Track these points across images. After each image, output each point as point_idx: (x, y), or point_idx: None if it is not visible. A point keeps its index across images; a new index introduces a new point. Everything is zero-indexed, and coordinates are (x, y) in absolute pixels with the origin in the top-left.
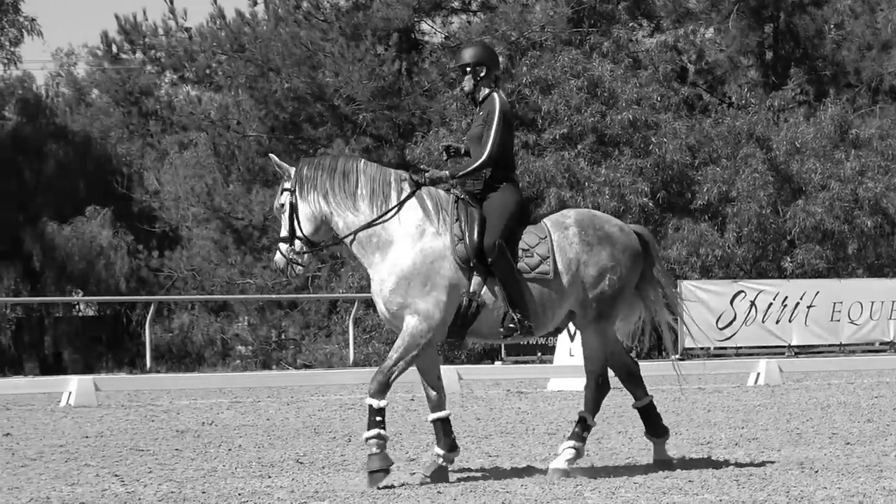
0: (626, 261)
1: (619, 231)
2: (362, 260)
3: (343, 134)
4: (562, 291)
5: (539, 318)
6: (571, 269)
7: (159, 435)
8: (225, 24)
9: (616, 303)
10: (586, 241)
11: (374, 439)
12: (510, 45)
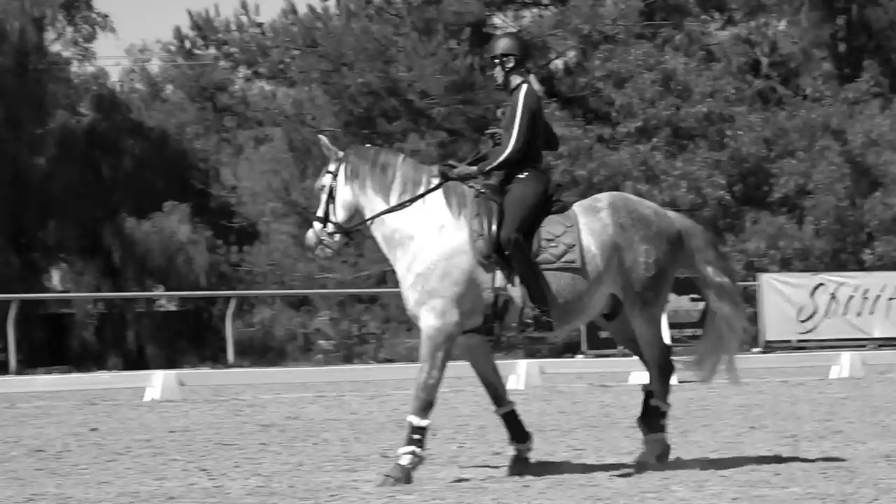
0: (662, 244)
1: (654, 214)
2: (388, 255)
3: (417, 128)
4: (595, 277)
5: (564, 309)
6: (606, 253)
7: (245, 429)
8: (297, 19)
9: (657, 287)
10: (620, 224)
11: (409, 455)
12: (582, 39)
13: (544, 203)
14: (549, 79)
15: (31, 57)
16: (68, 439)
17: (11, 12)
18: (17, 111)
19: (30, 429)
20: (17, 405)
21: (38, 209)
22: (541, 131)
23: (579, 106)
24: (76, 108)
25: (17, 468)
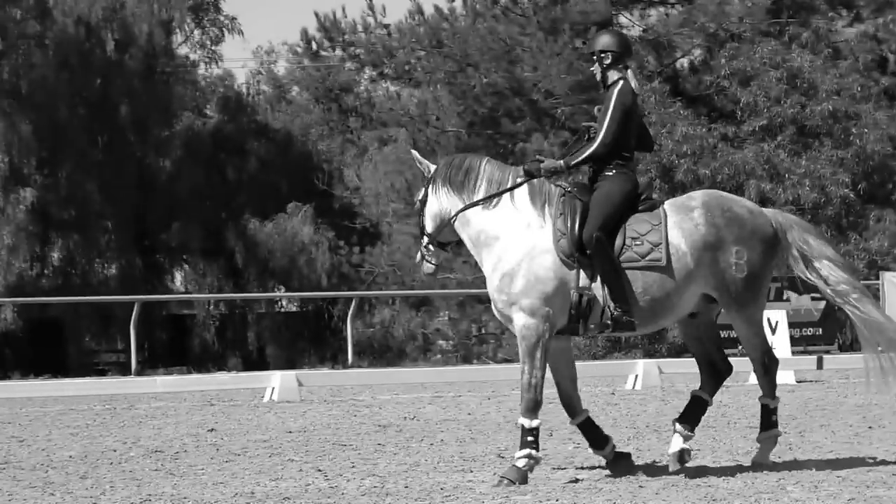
0: (756, 244)
1: (748, 213)
2: (476, 257)
3: (541, 128)
4: (684, 276)
5: (651, 308)
6: (696, 252)
7: (362, 430)
8: (423, 20)
9: (752, 288)
10: (713, 224)
11: (525, 459)
12: (709, 37)
13: (631, 201)
14: (674, 77)
15: (159, 60)
16: (186, 440)
17: (140, 16)
18: (145, 114)
19: (148, 429)
20: (136, 406)
21: (163, 211)
22: (633, 130)
23: (704, 104)
24: (202, 110)
25: (134, 468)
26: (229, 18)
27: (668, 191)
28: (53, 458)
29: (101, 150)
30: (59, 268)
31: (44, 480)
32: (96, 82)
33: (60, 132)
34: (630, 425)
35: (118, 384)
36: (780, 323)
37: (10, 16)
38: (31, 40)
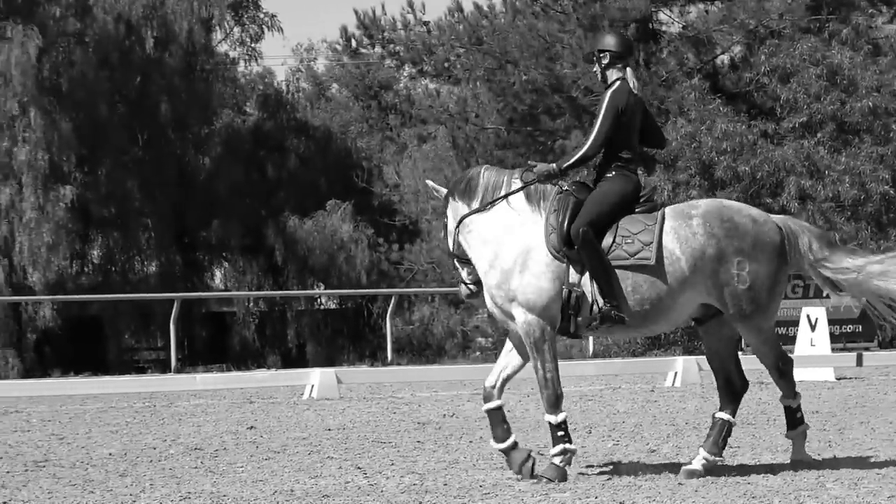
0: (759, 254)
1: (751, 222)
2: (475, 262)
3: (581, 125)
4: (677, 280)
5: (642, 308)
6: (692, 259)
7: (401, 427)
8: (463, 18)
9: (758, 299)
10: (712, 234)
11: (560, 456)
12: (748, 34)
13: (628, 202)
14: (713, 74)
15: (199, 57)
16: (225, 437)
17: (180, 13)
18: (184, 111)
19: (188, 427)
20: (176, 403)
21: (203, 208)
22: (634, 129)
23: (744, 101)
24: (242, 107)
25: (174, 466)
26: (269, 16)
27: (708, 188)
28: (93, 456)
29: (140, 148)
30: (99, 265)
31: (84, 478)
32: (136, 80)
33: (100, 130)
34: (669, 422)
35: (158, 382)
36: (820, 320)
37: (50, 13)
38: (72, 38)
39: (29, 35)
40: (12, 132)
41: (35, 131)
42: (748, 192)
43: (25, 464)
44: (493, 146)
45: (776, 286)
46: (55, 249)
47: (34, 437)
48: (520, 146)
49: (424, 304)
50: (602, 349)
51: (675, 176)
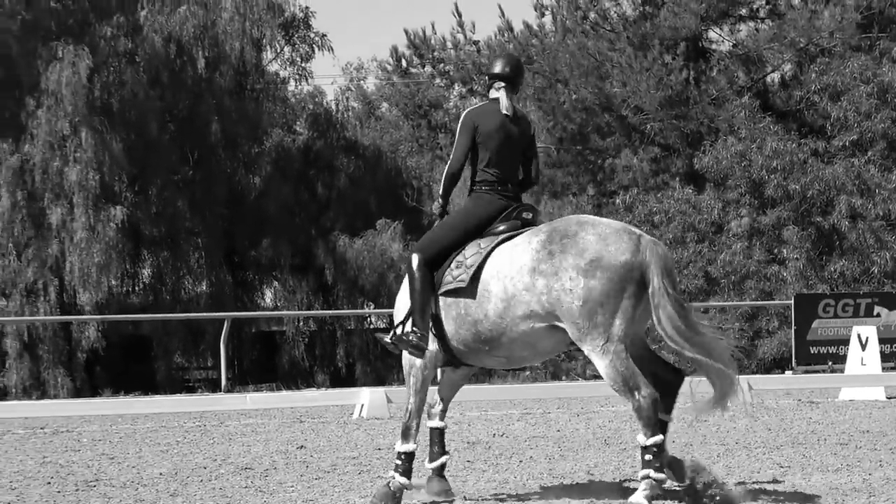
0: (596, 272)
1: (598, 240)
2: None
3: (631, 144)
4: (501, 300)
5: (469, 335)
6: (519, 276)
7: (450, 446)
8: (513, 37)
9: (593, 318)
10: (548, 249)
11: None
12: (799, 52)
13: (481, 225)
14: (764, 92)
15: (250, 77)
16: (276, 457)
17: (231, 33)
18: (235, 131)
19: (238, 446)
20: (226, 423)
21: (253, 227)
22: (498, 150)
23: (794, 120)
24: (292, 127)
25: (224, 485)
26: (319, 35)
27: (758, 206)
28: (144, 476)
29: (191, 168)
30: (149, 285)
31: (134, 498)
32: (187, 100)
33: (151, 150)
34: (719, 442)
35: (208, 401)
36: (871, 339)
37: (101, 33)
38: (122, 58)
39: (80, 55)
40: (63, 152)
41: (86, 151)
42: (798, 211)
43: (76, 484)
44: (542, 165)
45: (614, 305)
46: (106, 269)
47: (85, 457)
48: (569, 165)
49: None
50: None
51: (725, 195)
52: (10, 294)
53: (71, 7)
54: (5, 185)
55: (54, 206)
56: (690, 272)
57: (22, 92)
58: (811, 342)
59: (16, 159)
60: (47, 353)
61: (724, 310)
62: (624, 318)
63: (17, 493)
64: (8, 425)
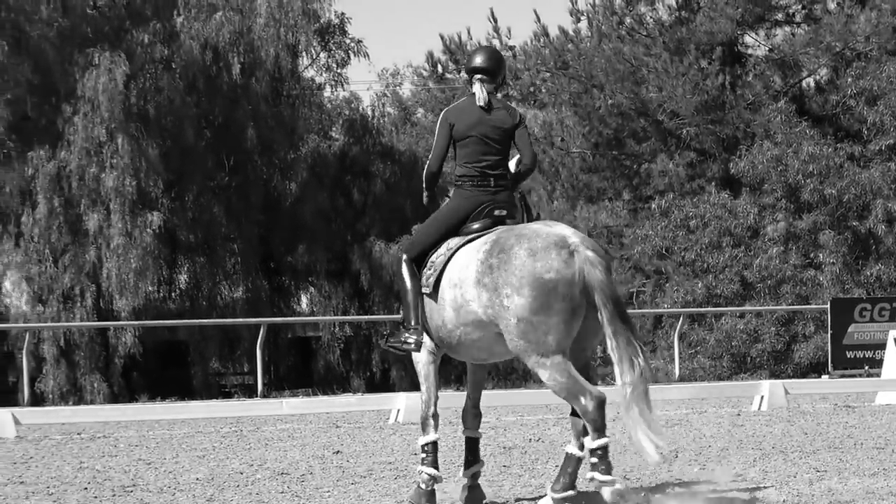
0: (526, 290)
1: (527, 255)
2: None
3: (666, 149)
4: (456, 309)
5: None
6: (466, 285)
7: (486, 451)
8: (549, 42)
9: (528, 336)
10: (489, 263)
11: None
12: (834, 57)
13: (458, 222)
14: (800, 97)
15: (285, 83)
16: (312, 462)
17: (267, 39)
18: (271, 137)
19: (274, 451)
20: (262, 428)
21: (289, 233)
22: (475, 145)
23: (830, 124)
24: (328, 132)
25: (260, 490)
26: (355, 41)
27: (794, 211)
28: (180, 481)
29: (227, 174)
30: (185, 290)
31: (171, 503)
32: (223, 106)
33: (187, 156)
34: (756, 446)
35: (244, 406)
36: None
37: (137, 40)
38: (159, 64)
39: (116, 61)
40: (100, 158)
41: (122, 157)
42: (835, 215)
43: (113, 489)
44: (578, 170)
45: (545, 322)
46: (142, 275)
47: (122, 462)
48: (605, 170)
49: None
50: (688, 373)
51: (761, 199)
52: (47, 300)
53: (107, 14)
54: (42, 192)
55: (91, 213)
56: (726, 277)
57: (59, 98)
58: (847, 346)
59: (52, 166)
60: (84, 358)
61: (760, 314)
62: (557, 333)
63: (55, 498)
64: (45, 431)
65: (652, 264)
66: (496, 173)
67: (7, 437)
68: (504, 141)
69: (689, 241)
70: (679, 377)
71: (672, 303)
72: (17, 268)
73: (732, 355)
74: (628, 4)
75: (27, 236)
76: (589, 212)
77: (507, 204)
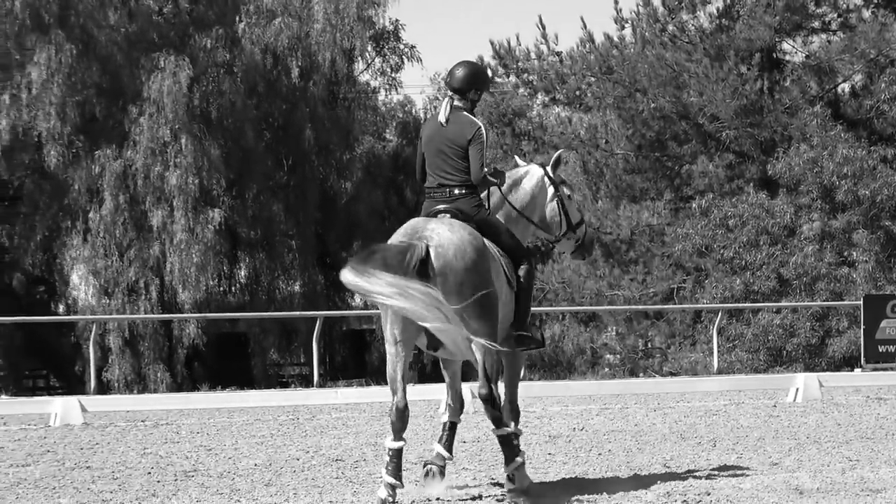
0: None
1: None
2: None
3: (707, 151)
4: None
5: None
6: None
7: (532, 440)
8: (594, 48)
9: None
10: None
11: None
12: (869, 63)
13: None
14: (835, 102)
15: (341, 86)
16: (365, 449)
17: (324, 45)
18: (327, 138)
19: (329, 439)
20: (318, 416)
21: (344, 230)
22: (431, 157)
23: (864, 128)
24: (382, 134)
25: (316, 476)
26: (409, 47)
27: (829, 211)
28: (239, 466)
29: (285, 173)
30: (245, 284)
31: (230, 487)
32: (282, 108)
33: (247, 156)
34: (791, 436)
35: (301, 396)
36: None
37: (201, 45)
38: (221, 68)
39: (181, 65)
40: (165, 157)
41: (186, 157)
42: (868, 215)
43: (175, 474)
44: (621, 171)
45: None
46: (204, 269)
47: (184, 448)
48: (647, 171)
49: (555, 322)
50: (726, 366)
51: (797, 200)
52: (113, 293)
53: (172, 20)
54: (109, 190)
55: (155, 209)
56: (763, 274)
57: (125, 100)
58: (879, 341)
59: (119, 164)
60: (148, 349)
61: (796, 310)
62: (388, 324)
63: (120, 482)
64: (111, 418)
65: (692, 261)
66: (453, 184)
67: (74, 423)
68: (460, 154)
69: (728, 240)
70: (718, 370)
71: (711, 298)
72: (85, 262)
73: (769, 349)
74: (671, 12)
75: (94, 232)
76: (632, 211)
77: (448, 210)
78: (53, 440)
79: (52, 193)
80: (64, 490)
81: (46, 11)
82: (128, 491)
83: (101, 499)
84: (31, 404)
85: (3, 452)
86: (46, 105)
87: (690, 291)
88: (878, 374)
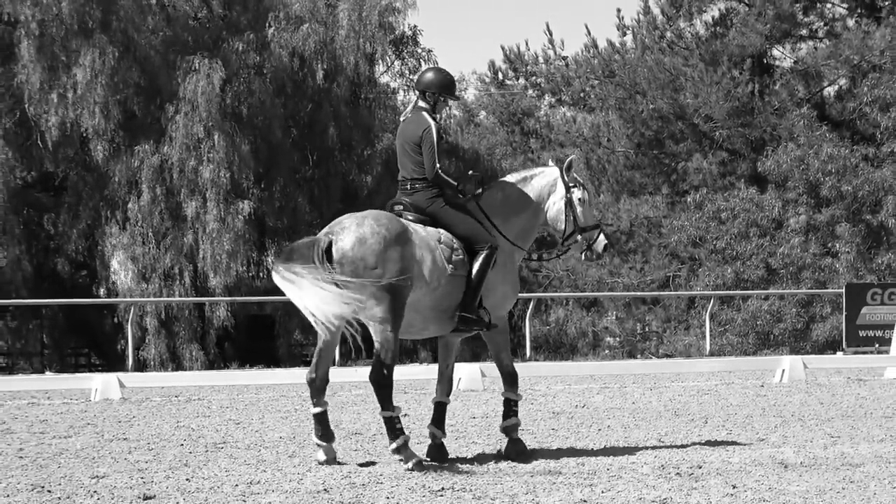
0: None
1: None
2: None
3: (701, 149)
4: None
5: None
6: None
7: (537, 416)
8: (597, 53)
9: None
10: None
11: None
12: (853, 68)
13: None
14: (821, 104)
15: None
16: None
17: (347, 49)
18: (349, 135)
19: (349, 414)
20: (338, 393)
21: None
22: (400, 155)
23: (847, 128)
24: None
25: (337, 448)
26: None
27: (814, 205)
28: (266, 439)
29: (310, 167)
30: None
31: (257, 458)
32: (307, 107)
33: (275, 151)
34: (777, 414)
35: None
36: None
37: (233, 48)
38: (251, 70)
39: (214, 67)
40: (198, 153)
41: (218, 152)
42: (850, 210)
43: (206, 445)
44: (622, 167)
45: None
46: (234, 256)
47: (214, 422)
48: (646, 167)
49: (560, 307)
50: (717, 349)
51: (785, 194)
52: (150, 278)
53: (207, 25)
54: (146, 182)
55: (189, 201)
56: (753, 263)
57: (162, 99)
58: (860, 326)
59: (156, 159)
60: (183, 330)
61: (783, 297)
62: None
63: (154, 453)
64: (147, 393)
65: (687, 252)
66: (412, 178)
67: (113, 398)
68: (416, 150)
69: (720, 232)
70: (709, 352)
71: (704, 286)
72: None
73: (757, 333)
74: (669, 20)
75: (133, 221)
76: (631, 204)
77: (403, 203)
78: (94, 413)
79: (95, 185)
80: (103, 459)
81: (90, 17)
82: (162, 461)
83: (137, 468)
84: (73, 380)
85: (47, 425)
86: (91, 104)
87: (685, 279)
88: (859, 357)
